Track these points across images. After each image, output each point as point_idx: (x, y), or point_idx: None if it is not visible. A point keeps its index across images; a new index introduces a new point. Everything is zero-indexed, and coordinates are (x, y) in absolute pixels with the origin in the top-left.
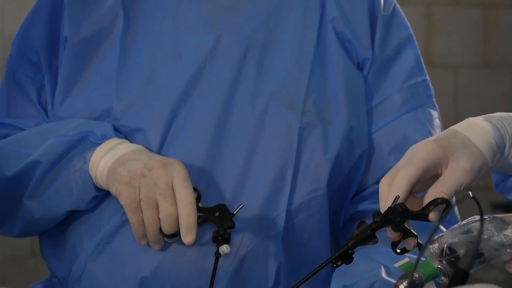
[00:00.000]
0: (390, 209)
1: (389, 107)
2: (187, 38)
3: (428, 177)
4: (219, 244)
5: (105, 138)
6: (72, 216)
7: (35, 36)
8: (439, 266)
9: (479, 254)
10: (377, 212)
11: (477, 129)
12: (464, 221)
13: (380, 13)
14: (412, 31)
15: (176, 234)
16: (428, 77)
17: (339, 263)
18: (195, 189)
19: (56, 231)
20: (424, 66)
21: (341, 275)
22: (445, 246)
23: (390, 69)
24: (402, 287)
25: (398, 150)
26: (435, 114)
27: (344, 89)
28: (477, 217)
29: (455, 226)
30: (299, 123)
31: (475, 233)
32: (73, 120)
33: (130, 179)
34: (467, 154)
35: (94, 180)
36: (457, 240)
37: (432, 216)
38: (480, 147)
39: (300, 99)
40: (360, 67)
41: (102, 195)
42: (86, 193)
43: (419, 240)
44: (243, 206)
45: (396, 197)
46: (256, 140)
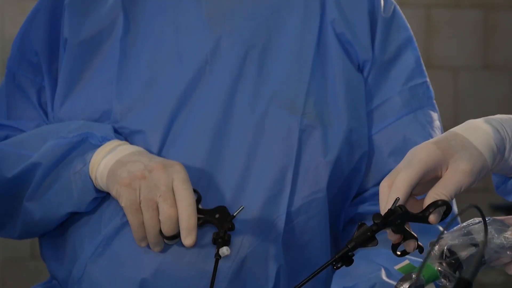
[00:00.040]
0: (390, 211)
1: (389, 109)
2: (187, 40)
3: (428, 179)
4: (219, 246)
5: (105, 140)
6: (72, 218)
7: (35, 38)
8: (439, 268)
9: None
10: (377, 214)
11: (477, 131)
12: (464, 223)
13: (380, 15)
14: (412, 33)
15: (176, 236)
16: (428, 79)
17: (339, 265)
18: (195, 191)
19: (56, 233)
20: (424, 68)
21: (341, 277)
22: (445, 248)
23: (390, 71)
24: None
25: (398, 152)
26: (435, 116)
27: (344, 91)
28: (477, 219)
29: (455, 228)
30: (299, 125)
31: (475, 235)
32: (73, 122)
33: (130, 181)
34: (467, 156)
35: (94, 182)
36: (457, 242)
37: (432, 218)
38: (480, 149)
39: (300, 101)
40: (360, 69)
41: (102, 197)
42: (86, 195)
43: (419, 242)
44: (243, 208)
45: (396, 199)
46: (256, 142)
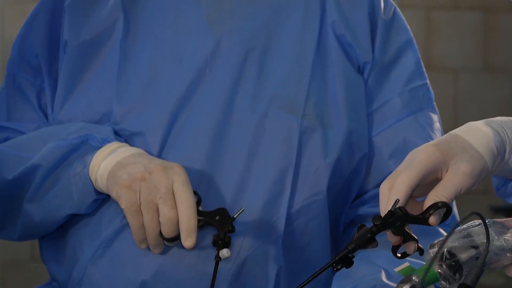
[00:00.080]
0: (390, 213)
1: (390, 111)
2: (187, 42)
3: (429, 181)
4: (219, 248)
5: (105, 142)
6: (72, 220)
7: (35, 40)
8: (439, 271)
9: (478, 258)
10: (377, 216)
11: (478, 133)
12: (464, 225)
13: (381, 17)
14: (412, 35)
15: (176, 238)
16: (428, 81)
17: (339, 267)
18: (195, 193)
19: (56, 235)
20: (424, 70)
21: (341, 279)
22: (445, 251)
23: (391, 73)
24: None
25: (399, 154)
26: (436, 118)
27: (344, 93)
28: (477, 221)
29: (455, 230)
30: (299, 127)
31: (475, 238)
32: (73, 124)
33: (131, 183)
34: (468, 158)
35: (94, 184)
36: (457, 245)
37: (432, 220)
38: (481, 151)
39: (300, 103)
40: (361, 71)
41: (102, 199)
42: (86, 197)
43: (420, 244)
44: (243, 210)
45: (396, 201)
46: (256, 144)
